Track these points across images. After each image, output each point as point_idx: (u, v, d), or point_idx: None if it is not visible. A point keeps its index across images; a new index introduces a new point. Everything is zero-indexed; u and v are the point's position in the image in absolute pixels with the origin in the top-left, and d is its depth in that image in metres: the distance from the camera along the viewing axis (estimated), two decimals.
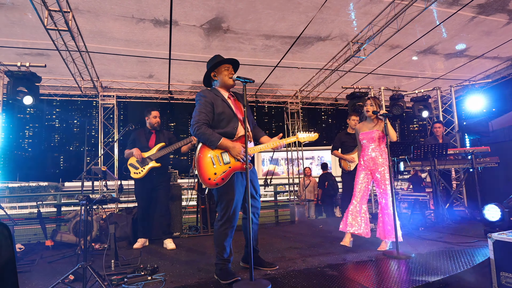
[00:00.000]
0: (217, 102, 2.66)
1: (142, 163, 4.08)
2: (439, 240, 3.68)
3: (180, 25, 5.06)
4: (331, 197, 8.35)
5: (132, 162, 4.11)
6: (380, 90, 7.49)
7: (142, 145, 4.16)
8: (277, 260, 3.01)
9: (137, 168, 4.08)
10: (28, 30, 4.95)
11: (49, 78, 6.65)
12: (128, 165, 4.14)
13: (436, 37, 5.90)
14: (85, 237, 2.77)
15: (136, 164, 4.09)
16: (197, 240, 4.51)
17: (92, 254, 3.68)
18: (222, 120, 2.65)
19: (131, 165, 4.11)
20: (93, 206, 3.48)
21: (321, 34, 5.59)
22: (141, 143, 4.18)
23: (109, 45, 5.57)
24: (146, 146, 4.17)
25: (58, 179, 50.51)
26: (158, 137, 4.27)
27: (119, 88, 7.33)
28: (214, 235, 2.62)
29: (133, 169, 4.10)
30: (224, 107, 2.66)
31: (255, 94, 8.34)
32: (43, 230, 4.57)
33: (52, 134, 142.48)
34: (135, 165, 4.09)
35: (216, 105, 2.65)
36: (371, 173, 3.49)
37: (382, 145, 3.51)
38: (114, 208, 6.65)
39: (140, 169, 4.07)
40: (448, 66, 7.32)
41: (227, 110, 2.66)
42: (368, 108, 3.55)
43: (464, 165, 5.14)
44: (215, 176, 2.52)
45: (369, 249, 3.38)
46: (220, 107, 2.65)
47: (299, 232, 4.80)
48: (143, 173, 4.06)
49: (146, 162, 4.08)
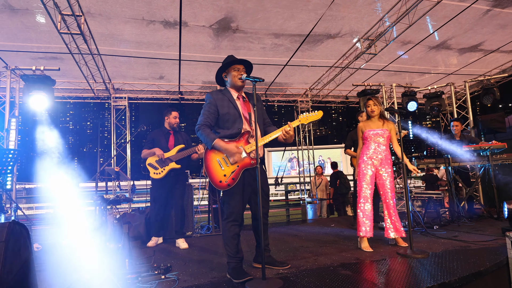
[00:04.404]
0: (223, 103, 2.67)
1: (162, 163, 4.05)
2: (454, 238, 3.60)
3: (190, 26, 5.10)
4: (343, 195, 8.28)
5: (152, 162, 4.08)
6: (391, 87, 7.38)
7: (162, 145, 4.13)
8: (289, 259, 3.00)
9: (157, 168, 4.05)
10: (42, 34, 5.06)
11: (63, 81, 6.79)
12: (147, 165, 4.10)
13: (449, 31, 5.77)
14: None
15: (156, 164, 4.06)
16: (209, 239, 4.53)
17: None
18: (227, 120, 2.65)
19: (151, 165, 4.08)
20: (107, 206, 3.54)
21: (331, 31, 5.54)
22: (161, 144, 4.15)
23: (121, 48, 5.65)
24: (165, 146, 4.14)
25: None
26: (177, 138, 4.26)
27: (130, 89, 7.43)
28: (222, 234, 2.64)
29: (153, 169, 4.07)
30: (229, 108, 2.66)
31: (264, 94, 8.33)
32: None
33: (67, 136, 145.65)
34: (155, 165, 4.06)
35: (221, 106, 2.66)
36: (376, 171, 3.45)
37: (388, 144, 3.50)
38: (127, 208, 6.76)
39: (160, 170, 4.04)
40: (462, 61, 7.16)
41: (232, 111, 2.66)
42: (373, 108, 3.51)
43: (480, 162, 5.02)
44: (225, 178, 2.53)
45: (381, 247, 3.34)
46: (226, 107, 2.66)
47: (310, 231, 4.77)
48: (163, 174, 4.03)
49: (166, 163, 4.05)
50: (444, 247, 3.23)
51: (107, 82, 6.80)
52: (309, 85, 8.20)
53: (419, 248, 3.12)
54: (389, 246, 3.39)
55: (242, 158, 2.56)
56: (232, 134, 2.62)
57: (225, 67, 2.77)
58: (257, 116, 2.57)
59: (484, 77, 7.58)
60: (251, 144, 2.59)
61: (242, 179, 2.58)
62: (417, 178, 8.81)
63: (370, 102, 3.53)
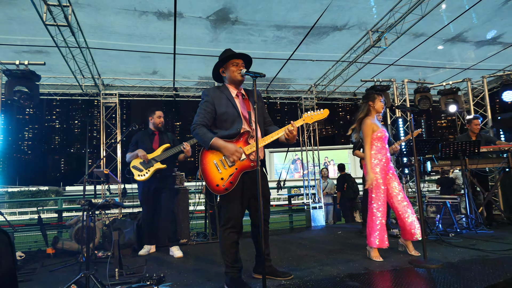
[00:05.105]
0: (221, 101, 2.67)
1: (146, 165, 4.15)
2: (471, 247, 3.60)
3: (185, 17, 5.10)
4: (351, 200, 8.28)
5: (136, 164, 4.19)
6: (403, 83, 7.37)
7: (145, 146, 4.25)
8: (292, 269, 3.00)
9: (141, 170, 4.15)
10: (27, 26, 5.06)
11: (49, 77, 6.80)
12: (131, 167, 4.22)
13: (465, 23, 5.76)
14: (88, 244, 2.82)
15: (140, 166, 4.17)
16: (205, 247, 4.53)
17: (95, 263, 3.75)
18: (225, 120, 2.65)
19: (135, 167, 4.18)
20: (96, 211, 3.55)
21: (338, 23, 5.53)
22: (145, 145, 4.27)
23: (111, 41, 5.65)
24: (150, 147, 4.26)
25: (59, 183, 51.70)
26: (162, 138, 4.36)
27: (121, 85, 7.44)
28: (220, 242, 2.64)
29: (137, 171, 4.17)
30: (227, 107, 2.66)
31: (266, 90, 8.33)
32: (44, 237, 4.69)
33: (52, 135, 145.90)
34: (139, 167, 4.17)
35: (219, 104, 2.66)
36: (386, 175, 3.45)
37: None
38: (117, 213, 6.76)
39: (144, 171, 4.14)
40: (479, 55, 7.14)
41: (230, 110, 2.66)
42: (383, 105, 3.52)
43: (500, 164, 5.01)
44: (222, 181, 2.52)
45: (392, 256, 3.33)
46: (223, 106, 2.66)
47: (315, 239, 4.77)
48: (148, 175, 4.13)
49: (151, 164, 4.16)
50: (460, 256, 3.22)
51: (96, 77, 6.80)
52: (314, 81, 8.20)
53: (433, 258, 3.11)
54: (400, 255, 3.38)
55: (241, 160, 2.55)
56: (231, 134, 2.62)
57: (222, 62, 2.77)
58: (257, 115, 2.53)
59: (504, 72, 7.56)
60: (251, 145, 2.59)
61: (241, 183, 2.57)
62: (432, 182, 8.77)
63: (380, 98, 3.53)
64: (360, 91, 8.82)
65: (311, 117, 2.73)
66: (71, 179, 56.47)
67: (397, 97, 7.44)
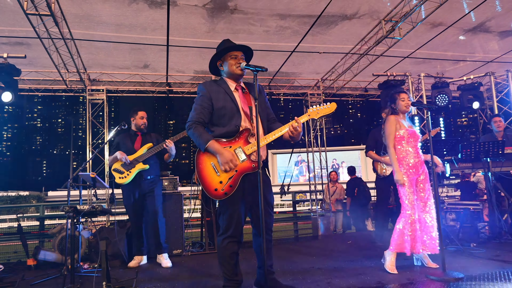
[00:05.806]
0: (218, 95, 2.66)
1: (127, 166, 4.23)
2: (495, 258, 3.59)
3: (179, 5, 5.10)
4: (362, 207, 8.26)
5: (117, 167, 4.26)
6: (419, 77, 7.37)
7: (127, 148, 4.33)
8: (297, 283, 3.00)
9: (122, 172, 4.24)
10: (6, 15, 5.08)
11: (30, 71, 6.82)
12: (112, 170, 4.29)
13: (488, 11, 5.76)
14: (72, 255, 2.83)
15: (121, 168, 4.25)
16: (202, 259, 4.54)
17: (81, 276, 3.75)
18: (223, 116, 2.64)
19: (116, 170, 4.26)
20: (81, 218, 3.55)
21: (347, 11, 5.54)
22: (126, 146, 4.35)
23: (98, 31, 5.67)
24: (131, 148, 4.34)
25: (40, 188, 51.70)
26: (145, 139, 4.45)
27: (109, 80, 7.45)
28: (218, 252, 2.64)
29: (118, 174, 4.25)
30: (225, 101, 2.65)
31: (268, 85, 8.34)
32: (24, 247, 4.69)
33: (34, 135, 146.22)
34: (120, 169, 4.25)
35: (216, 99, 2.65)
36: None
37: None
38: (105, 221, 6.77)
39: (125, 173, 4.22)
40: (503, 46, 7.13)
41: (228, 105, 2.65)
42: (407, 103, 3.51)
43: None
44: (221, 185, 2.51)
45: (407, 268, 3.32)
46: (221, 101, 2.65)
47: (323, 249, 4.77)
48: (129, 177, 4.20)
49: (132, 165, 4.23)
50: (483, 268, 3.22)
51: (82, 71, 6.81)
52: (321, 75, 8.20)
53: (452, 270, 3.10)
54: (417, 267, 3.38)
55: (242, 161, 2.54)
56: (229, 132, 2.60)
57: (220, 54, 2.76)
58: (260, 110, 2.52)
59: None
60: (252, 144, 2.57)
61: (241, 187, 2.56)
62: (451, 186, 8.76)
63: (405, 96, 3.53)
64: (372, 86, 8.82)
65: (317, 112, 2.71)
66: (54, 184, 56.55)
67: (413, 93, 7.44)
